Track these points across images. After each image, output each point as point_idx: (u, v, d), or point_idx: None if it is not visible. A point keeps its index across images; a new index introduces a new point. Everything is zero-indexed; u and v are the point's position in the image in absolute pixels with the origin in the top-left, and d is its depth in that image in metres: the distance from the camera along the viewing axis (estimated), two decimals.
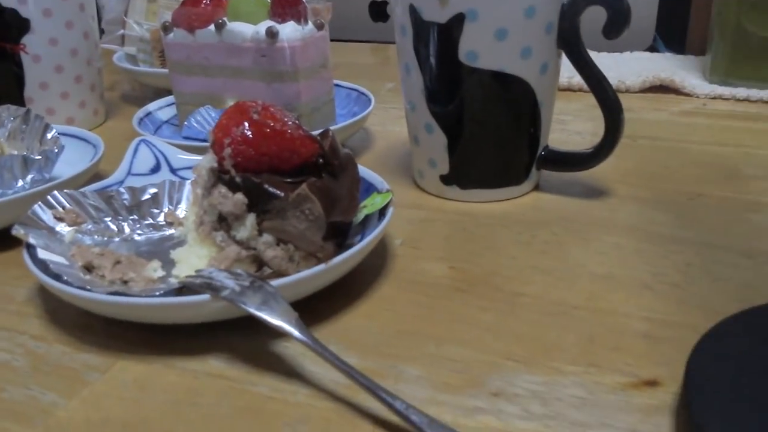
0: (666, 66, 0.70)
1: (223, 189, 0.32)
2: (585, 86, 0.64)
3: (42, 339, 0.32)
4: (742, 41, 0.61)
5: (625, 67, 0.70)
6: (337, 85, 0.58)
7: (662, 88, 0.65)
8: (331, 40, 0.87)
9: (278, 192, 0.31)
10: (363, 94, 0.56)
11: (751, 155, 0.50)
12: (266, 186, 0.31)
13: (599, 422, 0.25)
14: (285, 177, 0.32)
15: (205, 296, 0.28)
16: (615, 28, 0.39)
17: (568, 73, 0.65)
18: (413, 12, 0.39)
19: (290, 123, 0.32)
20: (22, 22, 0.54)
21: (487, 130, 0.41)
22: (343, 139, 0.51)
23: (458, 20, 0.38)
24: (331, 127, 0.48)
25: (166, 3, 0.73)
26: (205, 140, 0.52)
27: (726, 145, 0.52)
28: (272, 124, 0.32)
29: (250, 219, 0.32)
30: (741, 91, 0.62)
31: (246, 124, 0.31)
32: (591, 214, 0.41)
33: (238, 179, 0.31)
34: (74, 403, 0.27)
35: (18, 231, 0.32)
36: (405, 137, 0.45)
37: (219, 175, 0.32)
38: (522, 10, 0.38)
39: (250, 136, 0.31)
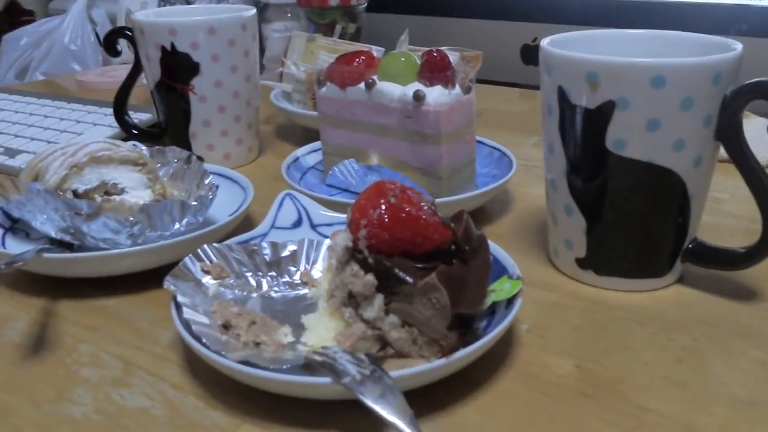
0: None
1: (355, 268, 0.33)
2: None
3: (180, 389, 0.34)
4: None
5: None
6: (480, 143, 0.58)
7: None
8: (479, 82, 0.87)
9: (408, 278, 0.32)
10: (505, 155, 0.56)
11: None
12: (396, 270, 0.32)
13: None
14: (417, 261, 0.33)
15: (327, 379, 0.29)
16: None
17: None
18: (561, 94, 0.39)
19: (426, 208, 0.33)
20: (193, 66, 0.59)
21: (630, 219, 0.39)
22: (482, 203, 0.51)
23: (608, 107, 0.37)
24: (471, 193, 0.48)
25: (324, 44, 0.77)
26: (346, 190, 0.54)
27: None
28: (408, 209, 0.32)
29: (378, 300, 0.32)
30: None
31: (383, 207, 0.32)
32: (739, 321, 0.38)
33: (370, 260, 0.32)
34: None
35: (168, 285, 0.35)
36: (545, 201, 0.44)
37: (353, 254, 0.33)
38: (678, 101, 0.36)
39: (386, 219, 0.32)
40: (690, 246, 0.41)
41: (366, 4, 0.92)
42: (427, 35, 0.98)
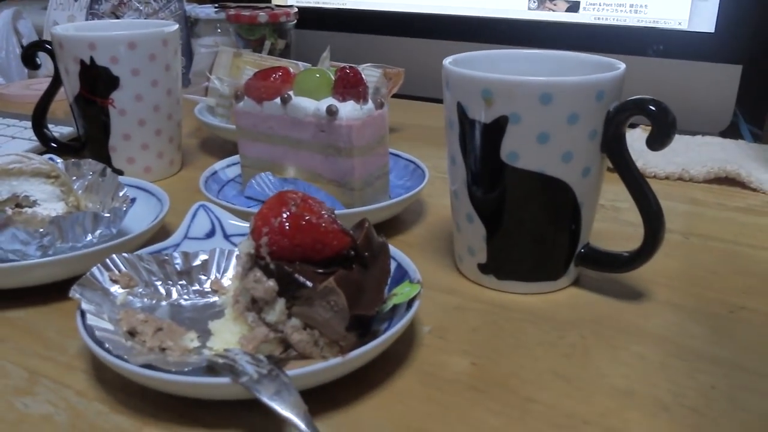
0: (734, 155, 0.68)
1: (258, 273, 0.34)
2: (645, 172, 0.64)
3: (84, 395, 0.35)
4: None
5: (694, 152, 0.69)
6: (397, 156, 0.60)
7: (730, 180, 0.64)
8: (402, 97, 0.89)
9: (307, 282, 0.33)
10: (419, 167, 0.58)
11: None
12: (297, 275, 0.33)
13: None
14: (317, 267, 0.34)
15: (226, 380, 0.30)
16: (660, 140, 0.39)
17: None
18: (460, 109, 0.41)
19: (326, 216, 0.34)
20: (112, 79, 0.59)
21: (525, 226, 0.42)
22: (394, 213, 0.53)
23: (502, 122, 0.39)
24: (383, 203, 0.50)
25: (250, 60, 0.78)
26: (264, 201, 0.55)
27: None
28: (308, 217, 0.34)
29: (280, 304, 0.34)
30: None
31: (284, 215, 0.34)
32: (624, 319, 0.41)
33: (272, 266, 0.34)
34: None
35: (74, 294, 0.36)
36: None
37: (256, 260, 0.34)
38: (565, 116, 0.39)
39: (287, 227, 0.33)
40: (582, 251, 0.44)
41: (295, 21, 0.94)
42: (353, 52, 1.00)
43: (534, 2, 0.88)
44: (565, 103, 0.38)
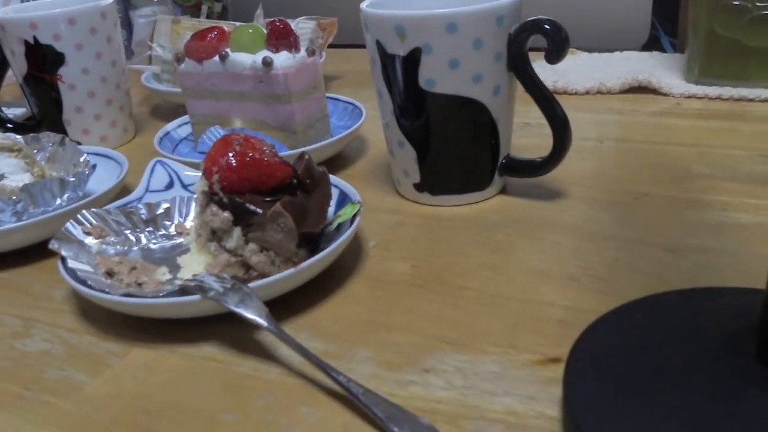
0: (649, 66, 0.74)
1: (214, 208, 0.39)
2: (567, 90, 0.69)
3: (75, 331, 0.39)
4: (714, 41, 0.66)
5: (612, 68, 0.75)
6: (336, 99, 0.65)
7: (644, 89, 0.70)
8: (341, 46, 0.93)
9: (257, 209, 0.38)
10: (357, 107, 0.62)
11: (704, 154, 0.55)
12: (247, 205, 0.38)
13: (505, 391, 0.32)
14: (265, 196, 0.39)
15: (197, 296, 0.35)
16: (555, 55, 0.44)
17: (552, 79, 0.70)
18: (379, 46, 0.45)
19: (267, 151, 0.39)
20: (57, 56, 0.62)
21: (450, 145, 0.47)
22: (336, 151, 0.58)
23: (416, 53, 0.44)
24: (326, 141, 0.55)
25: (189, 25, 0.81)
26: None
27: (684, 145, 0.56)
28: (251, 154, 0.39)
29: (237, 232, 0.39)
30: (714, 90, 0.66)
31: (230, 154, 0.38)
32: (544, 215, 0.47)
33: (225, 200, 0.38)
34: (98, 382, 0.35)
35: (53, 245, 0.40)
36: None
37: (210, 197, 0.39)
38: (470, 42, 0.44)
39: (233, 164, 0.38)
40: (504, 161, 0.49)
41: None
42: (286, 7, 1.03)
43: None
44: (469, 31, 0.43)
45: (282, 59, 0.53)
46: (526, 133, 0.61)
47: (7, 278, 0.46)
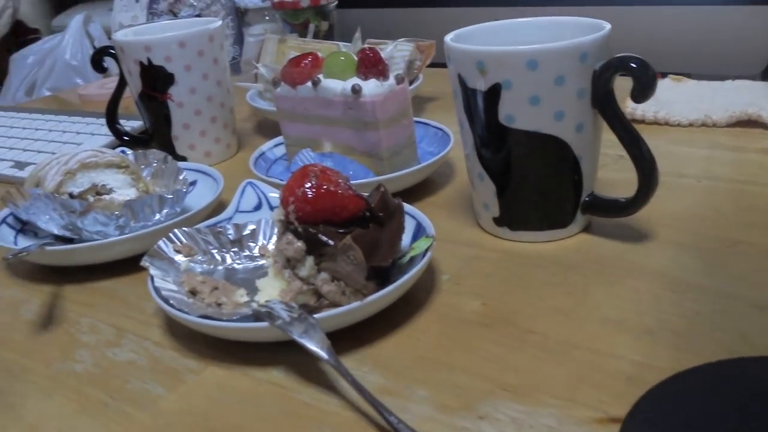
0: (762, 98, 0.69)
1: (289, 236, 0.40)
2: (668, 121, 0.67)
3: (160, 345, 0.42)
4: None
5: (721, 98, 0.71)
6: (426, 124, 0.65)
7: (754, 123, 0.65)
8: (441, 65, 0.93)
9: (329, 241, 0.39)
10: (447, 134, 0.63)
11: None
12: (320, 235, 0.39)
13: None
14: (338, 228, 0.40)
15: (264, 324, 0.37)
16: (642, 93, 0.43)
17: (653, 108, 0.68)
18: (461, 79, 0.46)
19: (342, 184, 0.40)
20: (168, 76, 0.66)
21: (530, 180, 0.47)
22: (421, 178, 0.58)
23: (496, 89, 0.44)
24: (411, 169, 0.56)
25: (294, 44, 0.84)
26: None
27: None
28: (326, 186, 0.40)
29: (309, 261, 0.40)
30: None
31: (306, 185, 0.40)
32: (626, 258, 0.46)
33: (300, 229, 0.40)
34: (173, 396, 0.37)
35: (145, 263, 0.43)
36: None
37: (286, 225, 0.41)
38: (552, 79, 0.43)
39: (309, 195, 0.40)
40: (587, 199, 0.48)
41: (336, 2, 0.99)
42: (389, 27, 1.05)
43: None
44: (550, 67, 0.43)
45: (370, 87, 0.55)
46: (620, 166, 0.59)
47: (108, 287, 0.50)
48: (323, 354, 0.35)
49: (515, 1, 0.97)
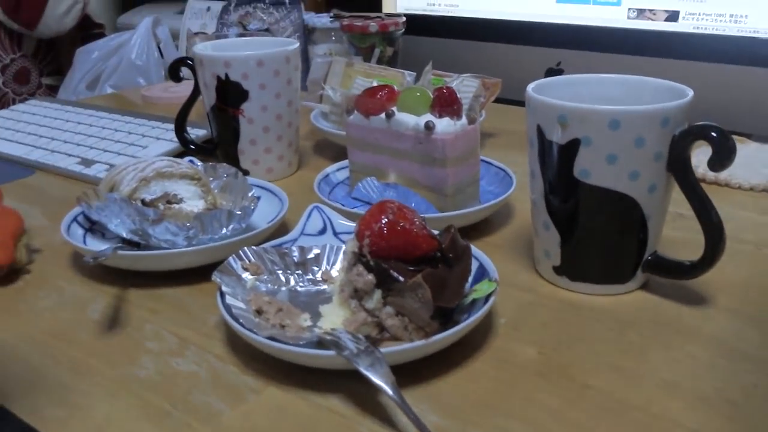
0: None
1: (360, 268, 0.42)
2: (729, 183, 0.67)
3: (221, 359, 0.44)
4: None
5: None
6: (489, 163, 0.66)
7: None
8: (501, 101, 0.94)
9: (400, 277, 0.40)
10: (508, 175, 0.64)
11: None
12: (392, 271, 0.41)
13: None
14: (409, 265, 0.41)
15: (332, 352, 0.38)
16: (720, 163, 0.43)
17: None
18: (539, 131, 0.47)
19: (417, 223, 0.42)
20: (243, 93, 0.69)
21: (596, 235, 0.47)
22: (482, 217, 0.59)
23: (575, 144, 0.45)
24: (474, 208, 0.56)
25: (361, 70, 0.86)
26: (368, 203, 0.63)
27: None
28: (402, 224, 0.41)
29: (377, 294, 0.41)
30: None
31: (383, 221, 0.41)
32: (683, 322, 0.46)
33: (371, 263, 0.41)
34: (235, 414, 0.39)
35: (216, 278, 0.45)
36: None
37: (359, 257, 0.42)
38: (632, 140, 0.44)
39: (385, 231, 0.41)
40: (649, 258, 0.48)
41: (403, 30, 1.01)
42: (458, 59, 1.06)
43: (634, 12, 0.91)
44: (631, 129, 0.43)
45: (443, 125, 0.56)
46: (678, 225, 0.59)
47: (172, 295, 0.51)
48: (388, 390, 0.36)
49: (580, 45, 0.98)
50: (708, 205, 0.45)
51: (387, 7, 1.15)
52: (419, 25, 1.10)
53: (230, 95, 0.69)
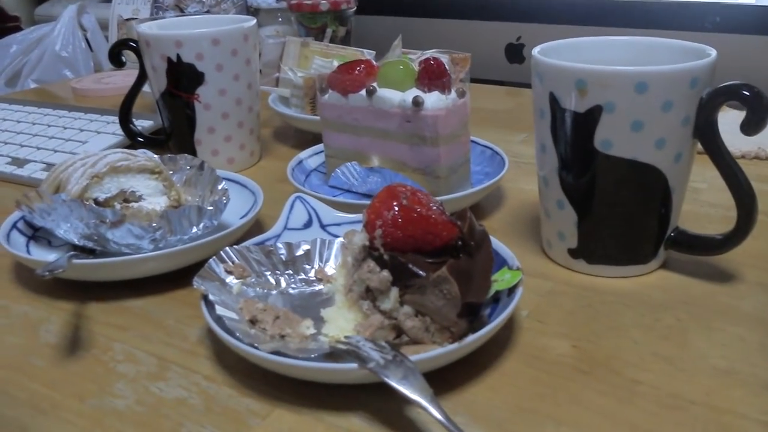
0: None
1: (372, 264, 0.36)
2: (759, 155, 0.64)
3: (212, 380, 0.37)
4: None
5: None
6: (474, 142, 0.61)
7: None
8: (473, 81, 0.90)
9: (421, 272, 0.35)
10: (497, 153, 0.59)
11: None
12: (410, 265, 0.35)
13: None
14: (427, 257, 0.36)
15: (353, 365, 0.32)
16: (754, 125, 0.39)
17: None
18: (553, 99, 0.42)
19: (434, 208, 0.36)
20: (197, 75, 0.61)
21: (616, 212, 0.43)
22: (476, 200, 0.54)
23: (596, 111, 0.40)
24: (469, 190, 0.51)
25: (317, 49, 0.79)
26: (348, 190, 0.57)
27: None
28: (419, 210, 0.36)
29: (394, 293, 0.36)
30: None
31: (396, 208, 0.35)
32: (717, 300, 0.42)
33: (386, 257, 0.36)
34: None
35: (198, 285, 0.38)
36: (536, 195, 0.48)
37: (369, 252, 0.36)
38: (660, 104, 0.39)
39: (399, 219, 0.35)
40: (672, 234, 0.45)
41: (355, 8, 0.95)
42: (414, 37, 1.01)
43: None
44: (660, 92, 0.39)
45: (433, 100, 0.50)
46: (691, 197, 0.56)
47: (141, 307, 0.44)
48: (428, 406, 0.30)
49: (540, 18, 0.94)
50: (738, 171, 0.41)
51: None
52: (370, 3, 1.04)
53: (183, 79, 0.62)
